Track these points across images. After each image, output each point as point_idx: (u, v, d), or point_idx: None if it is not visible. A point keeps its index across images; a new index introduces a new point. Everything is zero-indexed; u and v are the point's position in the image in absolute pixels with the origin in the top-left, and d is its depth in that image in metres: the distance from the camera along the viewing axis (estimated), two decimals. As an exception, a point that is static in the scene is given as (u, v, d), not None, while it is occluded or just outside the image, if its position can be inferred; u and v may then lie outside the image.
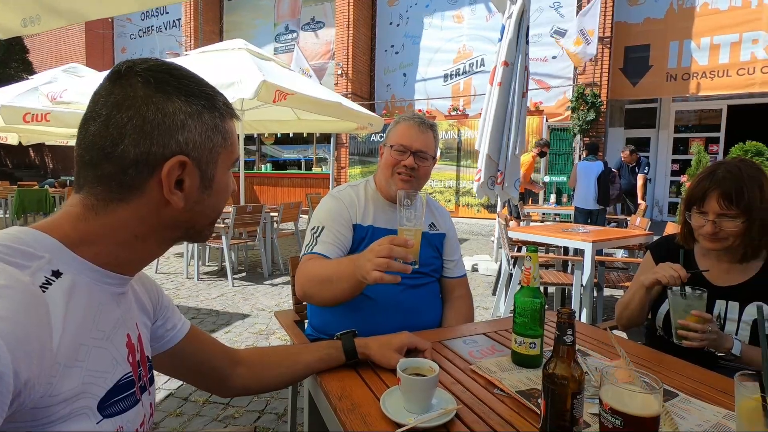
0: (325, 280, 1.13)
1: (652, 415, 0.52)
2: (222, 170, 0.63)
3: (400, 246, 0.92)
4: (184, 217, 0.60)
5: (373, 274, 0.91)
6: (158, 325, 0.74)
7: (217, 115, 0.60)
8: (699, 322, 1.10)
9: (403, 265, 0.92)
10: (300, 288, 1.24)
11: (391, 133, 1.40)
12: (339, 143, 10.85)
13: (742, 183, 1.18)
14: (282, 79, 4.16)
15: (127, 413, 0.57)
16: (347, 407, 0.79)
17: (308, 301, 1.32)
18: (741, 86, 7.82)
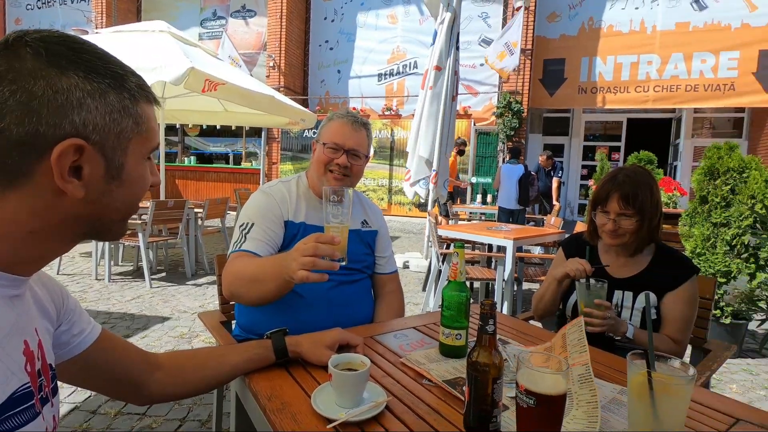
0: (253, 280, 1.10)
1: (560, 393, 0.58)
2: (135, 159, 0.56)
3: (326, 243, 0.91)
4: (86, 211, 0.53)
5: (299, 273, 0.90)
6: (62, 330, 0.67)
7: (127, 97, 0.54)
8: (600, 309, 1.24)
9: (329, 262, 0.91)
10: (227, 287, 1.19)
11: (324, 129, 1.38)
12: (270, 138, 10.51)
13: (637, 187, 1.35)
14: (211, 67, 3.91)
15: (25, 428, 0.51)
16: (277, 407, 0.78)
17: (236, 300, 1.28)
18: (638, 102, 8.85)
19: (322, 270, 0.91)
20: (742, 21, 8.06)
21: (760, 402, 2.34)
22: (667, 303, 1.34)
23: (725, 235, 2.88)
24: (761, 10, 7.94)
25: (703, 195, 3.05)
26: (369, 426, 0.73)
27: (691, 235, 3.07)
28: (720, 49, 8.19)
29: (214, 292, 3.97)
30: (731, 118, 9.39)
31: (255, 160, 11.23)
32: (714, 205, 2.97)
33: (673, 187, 4.09)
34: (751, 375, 2.66)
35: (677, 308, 1.32)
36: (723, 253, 2.88)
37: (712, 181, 3.01)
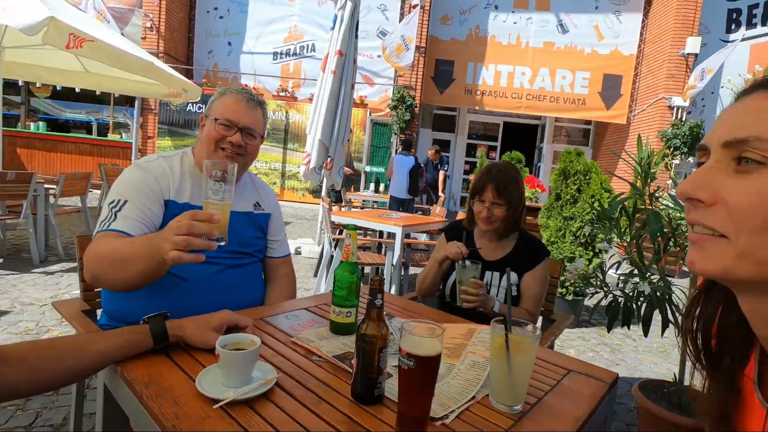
0: (119, 260, 0.99)
1: (435, 355, 0.65)
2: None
3: (203, 221, 0.84)
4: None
5: (171, 253, 0.83)
6: None
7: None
8: (474, 287, 1.40)
9: (206, 242, 0.85)
10: (88, 270, 1.07)
11: (215, 104, 1.28)
12: (146, 108, 9.33)
13: (507, 180, 1.55)
14: (75, 19, 3.30)
15: None
16: (156, 393, 0.73)
17: (98, 285, 1.14)
18: (513, 107, 9.95)
19: (198, 250, 0.85)
20: (592, 47, 9.57)
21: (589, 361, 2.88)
22: (525, 281, 1.57)
23: (572, 226, 3.45)
24: (606, 41, 9.52)
25: (558, 193, 3.59)
26: (258, 403, 0.73)
27: (547, 226, 3.60)
28: (576, 69, 9.61)
29: (70, 281, 3.44)
30: (581, 128, 11.14)
31: (126, 133, 9.88)
32: (565, 202, 3.53)
33: (536, 185, 4.72)
34: (584, 341, 3.25)
35: (533, 286, 1.56)
36: (570, 242, 3.44)
37: (564, 181, 3.56)
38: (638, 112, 9.26)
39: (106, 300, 1.22)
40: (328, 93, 4.42)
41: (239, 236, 1.27)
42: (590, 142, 11.04)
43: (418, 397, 0.66)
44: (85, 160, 9.37)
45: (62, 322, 2.65)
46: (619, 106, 9.55)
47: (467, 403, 0.79)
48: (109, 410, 0.91)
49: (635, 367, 2.86)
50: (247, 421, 0.68)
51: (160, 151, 9.36)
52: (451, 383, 0.85)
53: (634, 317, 1.67)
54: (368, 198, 7.64)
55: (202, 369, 0.81)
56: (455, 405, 0.77)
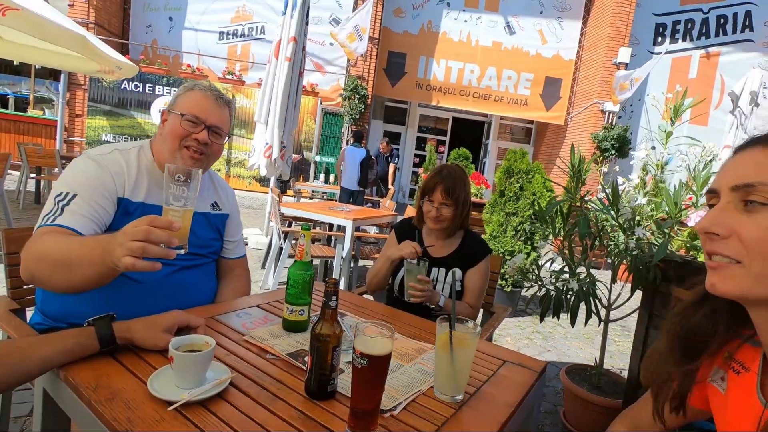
0: (64, 263, 0.91)
1: (386, 353, 0.71)
2: None
3: (162, 228, 0.79)
4: None
5: (125, 260, 0.78)
6: None
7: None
8: (421, 284, 1.48)
9: (164, 250, 0.80)
10: (26, 268, 0.98)
11: (181, 99, 1.22)
12: (73, 83, 8.56)
13: (455, 180, 1.63)
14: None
15: None
16: (105, 397, 0.72)
17: (36, 285, 1.05)
18: (461, 104, 10.25)
19: (154, 258, 0.80)
20: (537, 50, 10.06)
21: (524, 348, 3.10)
22: (469, 276, 1.67)
23: (513, 222, 3.67)
24: (549, 44, 10.04)
25: (502, 190, 3.79)
26: (212, 403, 0.75)
27: (491, 221, 3.80)
28: (521, 70, 10.07)
29: (-13, 274, 3.13)
30: (524, 127, 11.72)
31: (49, 109, 9.01)
32: (508, 198, 3.74)
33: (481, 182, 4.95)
34: (520, 330, 3.49)
35: (475, 280, 1.67)
36: (511, 237, 3.66)
37: (508, 179, 3.77)
38: (575, 115, 9.91)
39: (44, 300, 1.15)
40: (283, 81, 4.32)
41: (195, 237, 1.24)
42: (532, 141, 11.67)
43: (370, 392, 0.71)
44: (1, 137, 8.43)
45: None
46: (558, 108, 10.16)
47: (414, 395, 0.85)
48: (48, 416, 0.88)
49: (564, 353, 3.13)
50: (202, 421, 0.70)
51: (90, 131, 8.64)
52: (399, 378, 0.91)
53: (563, 309, 1.84)
54: (318, 189, 7.58)
55: (153, 371, 0.80)
56: (402, 397, 0.84)
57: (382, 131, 11.05)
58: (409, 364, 0.99)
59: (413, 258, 1.53)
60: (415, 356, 1.04)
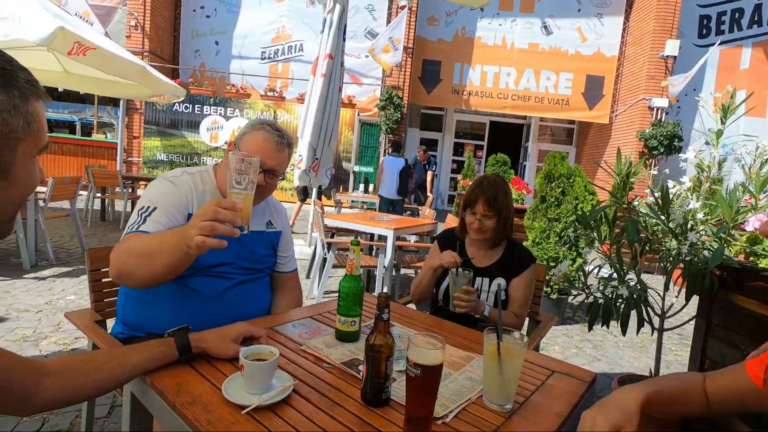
0: (145, 254, 1.02)
1: (438, 364, 0.75)
2: (24, 158, 0.54)
3: (227, 209, 0.88)
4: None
5: (196, 239, 0.86)
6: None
7: (17, 95, 0.51)
8: (466, 293, 1.51)
9: (230, 228, 0.88)
10: (115, 266, 1.09)
11: (246, 138, 1.30)
12: (131, 108, 9.25)
13: (497, 192, 1.65)
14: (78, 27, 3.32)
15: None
16: (187, 401, 0.81)
17: (123, 281, 1.14)
18: (499, 107, 10.12)
19: (221, 236, 0.88)
20: (576, 49, 9.79)
21: (573, 357, 3.02)
22: (513, 286, 1.68)
23: (556, 228, 3.59)
24: (589, 42, 9.74)
25: (543, 195, 3.72)
26: (279, 408, 0.82)
27: (533, 228, 3.74)
28: (560, 70, 9.83)
29: (63, 287, 3.46)
30: (566, 128, 11.39)
31: (110, 132, 9.78)
32: (550, 204, 3.67)
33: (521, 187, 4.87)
34: (568, 338, 3.40)
35: (520, 290, 1.67)
36: (554, 243, 3.59)
37: (549, 184, 3.70)
38: (620, 113, 9.52)
39: (124, 311, 1.29)
40: (318, 96, 4.48)
41: (252, 254, 1.35)
42: (574, 141, 11.30)
43: (423, 400, 0.76)
44: (68, 161, 9.24)
45: (59, 329, 2.68)
46: (601, 107, 9.81)
47: (464, 403, 0.89)
48: (135, 416, 0.99)
49: (616, 362, 3.02)
50: (272, 424, 0.77)
51: (146, 151, 9.28)
52: (449, 386, 0.95)
53: (613, 317, 1.80)
54: (357, 198, 7.72)
55: (224, 377, 0.89)
56: (454, 405, 0.88)
57: (418, 139, 11.10)
58: (457, 372, 1.03)
59: (453, 266, 1.56)
60: (463, 364, 1.07)
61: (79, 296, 3.27)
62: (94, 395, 0.85)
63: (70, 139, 9.49)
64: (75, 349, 2.45)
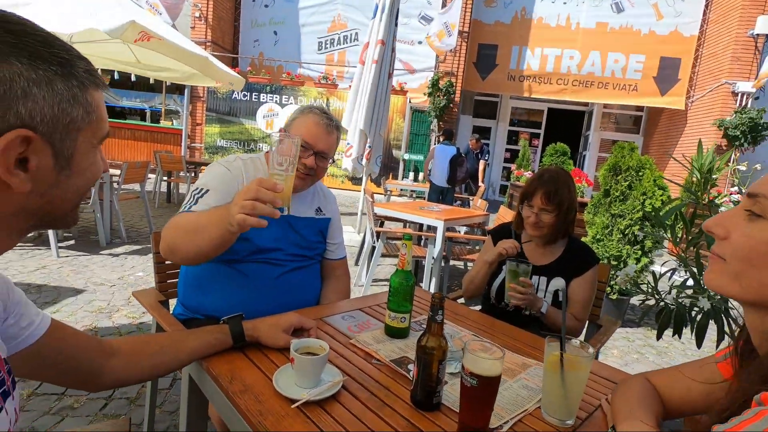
0: (192, 230, 1.06)
1: (496, 375, 0.70)
2: (85, 148, 0.54)
3: (268, 189, 0.89)
4: (36, 204, 0.51)
5: (237, 217, 0.88)
6: (10, 323, 0.64)
7: (76, 84, 0.51)
8: (523, 286, 1.43)
9: (270, 208, 0.89)
10: (164, 241, 1.13)
11: (296, 123, 1.33)
12: (194, 96, 9.73)
13: (558, 186, 1.54)
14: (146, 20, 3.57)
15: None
16: (239, 389, 0.83)
17: (171, 256, 1.17)
18: (558, 93, 9.57)
19: (262, 216, 0.90)
20: (650, 28, 8.99)
21: (633, 363, 2.83)
22: (574, 287, 1.57)
23: (620, 224, 3.35)
24: (666, 20, 8.90)
25: (607, 188, 3.48)
26: (328, 404, 0.81)
27: (594, 223, 3.51)
28: (630, 52, 9.09)
29: (133, 263, 3.74)
30: (632, 115, 10.57)
31: (176, 119, 10.37)
32: (614, 198, 3.42)
33: (581, 179, 4.59)
34: (629, 342, 3.18)
35: (581, 292, 1.56)
36: (617, 240, 3.35)
37: (614, 176, 3.44)
38: (697, 99, 8.67)
39: (184, 294, 1.35)
40: (370, 83, 4.45)
41: (302, 239, 1.37)
42: (642, 130, 10.48)
43: (479, 411, 0.71)
44: (139, 146, 9.94)
45: (130, 303, 2.90)
46: (676, 92, 8.98)
47: (520, 414, 0.84)
48: (192, 398, 1.03)
49: (683, 372, 2.78)
50: (320, 420, 0.76)
51: (207, 137, 9.77)
52: (504, 394, 0.90)
53: (686, 326, 1.64)
54: (407, 187, 7.66)
55: (276, 368, 0.90)
56: (509, 416, 0.82)
57: (471, 127, 10.79)
58: (512, 379, 0.97)
59: (513, 253, 1.48)
60: (519, 371, 1.01)
61: (146, 273, 3.52)
62: (156, 376, 0.89)
63: (141, 125, 10.20)
64: (142, 323, 2.64)
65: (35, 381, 1.97)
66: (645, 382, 0.84)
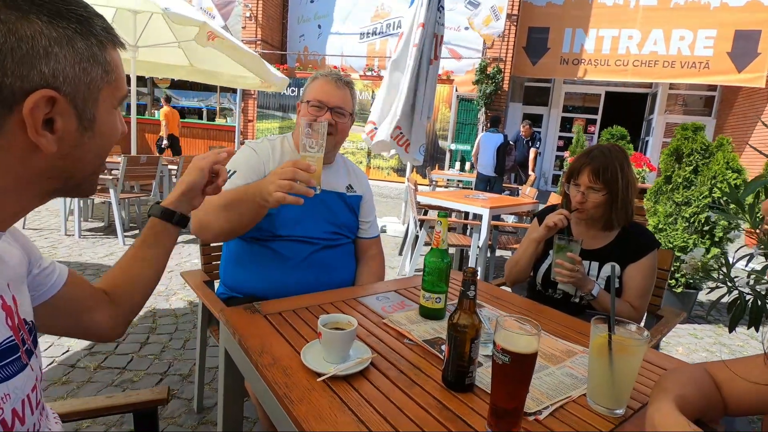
0: (224, 206, 1.12)
1: (531, 352, 0.64)
2: (106, 109, 0.54)
3: (303, 170, 0.97)
4: (60, 165, 0.51)
5: (276, 194, 0.96)
6: (35, 273, 0.66)
7: (95, 43, 0.50)
8: (571, 262, 1.33)
9: (305, 188, 0.97)
10: (195, 218, 1.17)
11: (308, 89, 1.38)
12: (246, 94, 10.11)
13: (608, 162, 1.42)
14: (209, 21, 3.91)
15: (14, 379, 0.52)
16: (268, 362, 0.83)
17: (202, 233, 1.20)
18: (616, 75, 8.94)
19: (297, 194, 0.97)
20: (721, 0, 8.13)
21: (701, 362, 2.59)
22: (629, 273, 1.44)
23: (685, 212, 3.06)
24: (742, -11, 8.01)
25: (668, 175, 3.19)
26: (355, 380, 0.79)
27: (656, 212, 3.24)
28: (698, 27, 8.28)
29: (190, 251, 3.95)
30: (703, 96, 9.66)
31: (230, 117, 10.85)
32: (676, 185, 3.12)
33: (643, 163, 4.25)
34: (696, 339, 2.91)
35: (638, 278, 1.43)
36: (682, 229, 3.06)
37: (677, 162, 3.15)
38: (781, 74, 7.75)
39: (225, 273, 1.40)
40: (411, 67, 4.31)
41: (334, 216, 1.37)
42: (714, 112, 9.54)
43: (511, 391, 0.66)
44: (196, 143, 10.51)
45: (185, 287, 3.06)
46: (755, 68, 8.07)
47: (562, 401, 0.77)
48: (228, 370, 1.05)
49: (761, 374, 2.50)
50: (346, 396, 0.74)
51: (259, 133, 10.13)
52: (545, 380, 0.83)
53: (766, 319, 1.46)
54: (453, 177, 7.51)
55: (305, 343, 0.89)
56: (549, 401, 0.76)
57: (521, 114, 10.36)
58: (555, 366, 0.90)
59: (563, 224, 1.39)
60: (564, 359, 0.93)
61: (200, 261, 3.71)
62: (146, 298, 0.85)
63: (198, 123, 10.78)
64: (196, 305, 2.78)
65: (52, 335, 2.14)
66: (701, 371, 0.74)
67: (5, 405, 0.51)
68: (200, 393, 1.77)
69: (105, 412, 0.88)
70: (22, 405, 0.55)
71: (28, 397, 0.56)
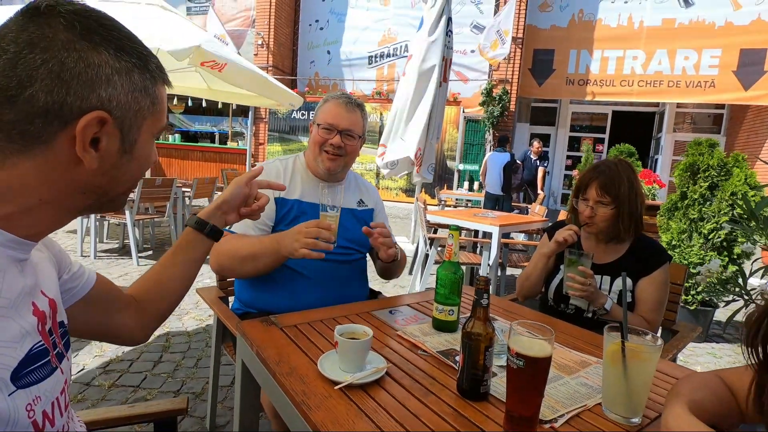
0: (248, 257, 1.23)
1: (546, 356, 0.65)
2: (146, 137, 0.59)
3: (325, 229, 1.12)
4: (97, 182, 0.56)
5: (302, 251, 1.11)
6: (66, 278, 0.69)
7: (149, 77, 0.57)
8: (583, 276, 1.33)
9: (326, 244, 1.12)
10: (216, 262, 1.28)
11: (319, 111, 1.42)
12: (257, 118, 10.36)
13: (615, 176, 1.44)
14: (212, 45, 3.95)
15: (44, 382, 0.55)
16: (286, 371, 0.84)
17: (223, 274, 1.36)
18: (622, 95, 9.01)
19: (319, 250, 1.11)
20: (726, 19, 8.24)
21: (720, 382, 2.52)
22: (642, 286, 1.44)
23: (703, 228, 3.02)
24: (745, 9, 8.12)
25: (684, 191, 3.17)
26: (371, 388, 0.81)
27: (669, 228, 3.22)
28: (703, 47, 8.37)
29: (202, 272, 3.99)
30: (711, 114, 9.66)
31: (241, 140, 11.07)
32: (692, 201, 3.10)
33: (652, 180, 4.24)
34: (715, 358, 2.84)
35: (650, 291, 1.42)
36: (699, 246, 3.03)
37: (692, 177, 3.14)
38: (790, 91, 7.74)
39: (240, 289, 1.43)
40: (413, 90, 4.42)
41: (346, 231, 1.39)
42: (723, 129, 9.52)
43: (527, 397, 0.67)
44: (210, 166, 10.72)
45: (197, 306, 3.09)
46: (762, 86, 8.09)
47: (578, 409, 0.77)
48: (245, 383, 1.07)
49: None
50: (363, 403, 0.76)
51: (269, 155, 10.32)
52: (560, 389, 0.84)
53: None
54: (462, 197, 7.54)
55: (321, 353, 0.91)
56: (565, 410, 0.76)
57: (528, 134, 10.44)
58: (570, 376, 0.90)
59: (573, 240, 1.40)
60: (577, 369, 0.94)
61: (212, 280, 3.74)
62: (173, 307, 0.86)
63: (210, 147, 11.03)
64: (208, 325, 2.80)
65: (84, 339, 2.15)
66: (714, 377, 0.74)
67: (36, 407, 0.53)
68: (213, 411, 1.77)
69: (126, 422, 0.90)
70: (52, 407, 0.57)
71: (57, 399, 0.58)
